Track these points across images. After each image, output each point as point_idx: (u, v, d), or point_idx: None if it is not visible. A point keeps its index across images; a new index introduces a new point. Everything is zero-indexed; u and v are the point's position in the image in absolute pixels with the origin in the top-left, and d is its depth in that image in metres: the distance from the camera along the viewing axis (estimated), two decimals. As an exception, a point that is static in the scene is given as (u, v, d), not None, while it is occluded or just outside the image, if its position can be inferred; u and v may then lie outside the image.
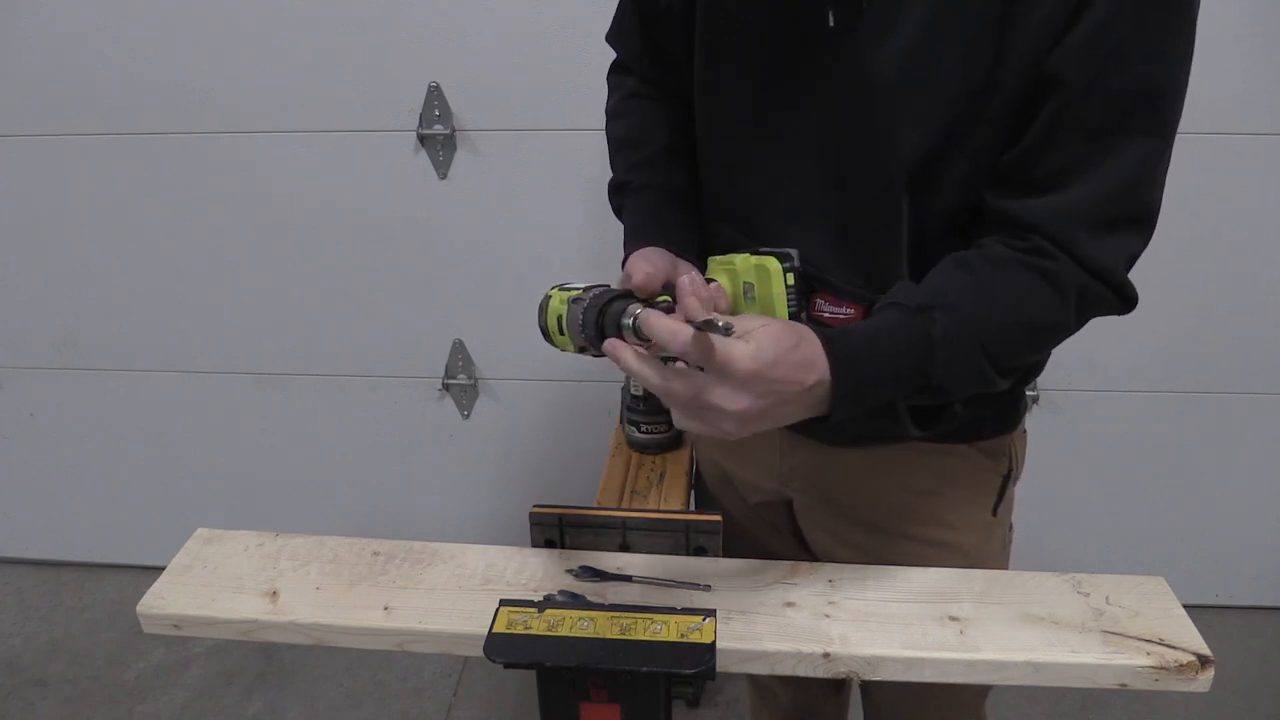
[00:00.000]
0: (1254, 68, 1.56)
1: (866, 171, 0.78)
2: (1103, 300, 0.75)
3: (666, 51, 0.93)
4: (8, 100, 1.80)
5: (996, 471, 0.96)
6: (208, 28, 1.70)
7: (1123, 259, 0.74)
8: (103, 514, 2.21)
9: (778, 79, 0.80)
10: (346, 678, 1.94)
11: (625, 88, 0.99)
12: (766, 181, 0.84)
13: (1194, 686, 0.76)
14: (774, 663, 0.78)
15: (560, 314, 0.78)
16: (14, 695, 1.90)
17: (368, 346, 1.97)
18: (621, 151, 0.96)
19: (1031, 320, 0.74)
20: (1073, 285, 0.73)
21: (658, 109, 0.96)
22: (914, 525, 0.96)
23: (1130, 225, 0.74)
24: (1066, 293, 0.73)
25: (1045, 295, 0.73)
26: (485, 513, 2.13)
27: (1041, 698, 1.84)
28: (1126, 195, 0.72)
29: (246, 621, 0.83)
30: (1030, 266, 0.73)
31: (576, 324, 0.75)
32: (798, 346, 0.68)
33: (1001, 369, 0.75)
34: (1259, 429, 1.89)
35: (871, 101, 0.75)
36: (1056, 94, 0.70)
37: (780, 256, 0.79)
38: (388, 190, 1.81)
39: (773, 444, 1.00)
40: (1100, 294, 0.74)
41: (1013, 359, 0.76)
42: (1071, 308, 0.74)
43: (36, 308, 2.00)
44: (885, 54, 0.73)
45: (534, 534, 0.93)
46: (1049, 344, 0.79)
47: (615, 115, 0.99)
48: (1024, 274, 0.73)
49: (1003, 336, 0.74)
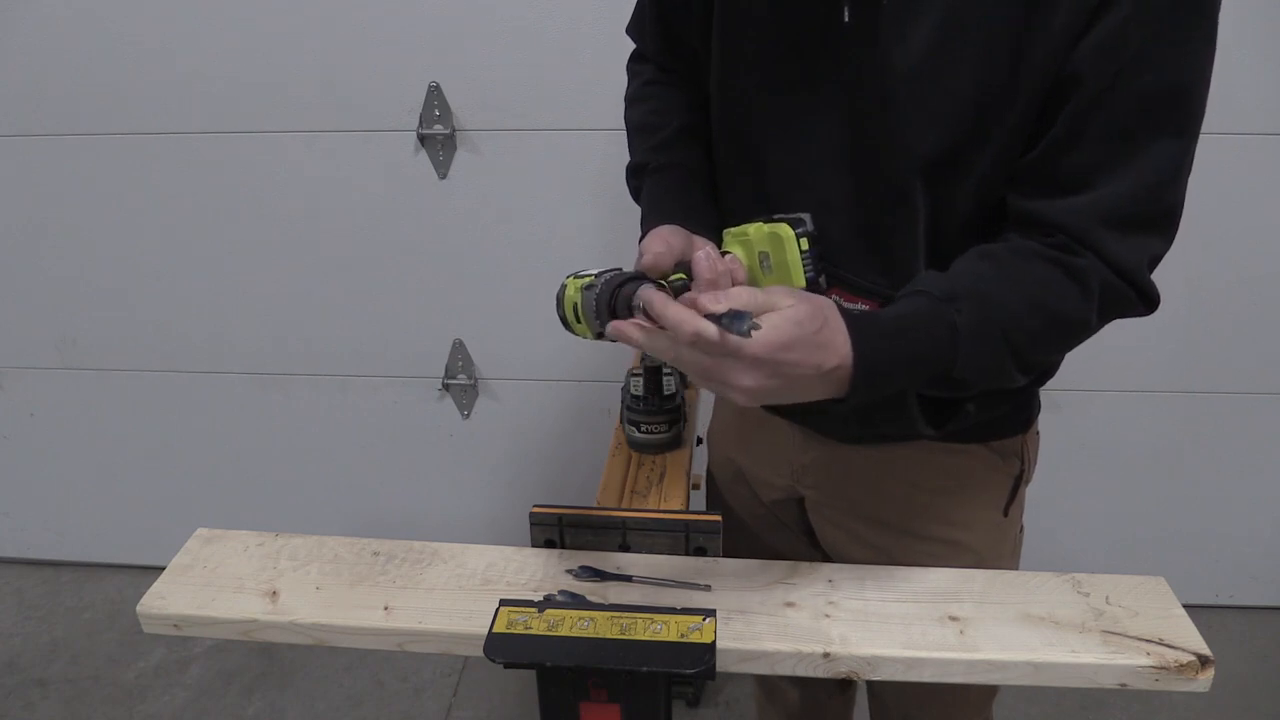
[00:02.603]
0: (1254, 68, 1.56)
1: (882, 169, 0.78)
2: (1124, 300, 0.74)
3: (684, 43, 0.93)
4: (8, 100, 1.80)
5: (1008, 472, 0.96)
6: (207, 28, 1.70)
7: (1146, 260, 0.74)
8: (103, 514, 2.21)
9: (794, 75, 0.80)
10: (346, 678, 1.94)
11: (644, 75, 1.00)
12: (782, 177, 0.84)
13: (1194, 686, 0.76)
14: (774, 663, 0.78)
15: (576, 302, 0.78)
16: (14, 695, 1.90)
17: (368, 346, 1.97)
18: (640, 134, 0.96)
19: (1055, 313, 0.73)
20: (1097, 282, 0.72)
21: (675, 94, 0.96)
22: (926, 524, 0.95)
23: (1153, 226, 0.73)
24: (1090, 288, 0.73)
25: (1069, 289, 0.73)
26: (485, 513, 2.13)
27: (1041, 698, 1.84)
28: (1150, 195, 0.71)
29: (246, 621, 0.83)
30: (1055, 261, 0.73)
31: (591, 310, 0.75)
32: (820, 330, 0.67)
33: (1023, 364, 0.75)
34: (1259, 429, 1.89)
35: (887, 99, 0.75)
36: (1077, 94, 0.69)
37: (793, 222, 0.78)
38: (388, 190, 1.81)
39: (787, 440, 1.00)
40: (1123, 293, 0.74)
41: (1035, 354, 0.75)
42: (1094, 304, 0.73)
43: (36, 308, 2.00)
44: (902, 52, 0.73)
45: (534, 534, 0.93)
46: (1071, 341, 0.77)
47: (634, 100, 0.99)
48: (1049, 267, 0.73)
49: (1027, 329, 0.73)
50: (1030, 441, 0.97)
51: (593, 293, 0.75)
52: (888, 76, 0.74)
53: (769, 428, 1.03)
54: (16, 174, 1.87)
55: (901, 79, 0.73)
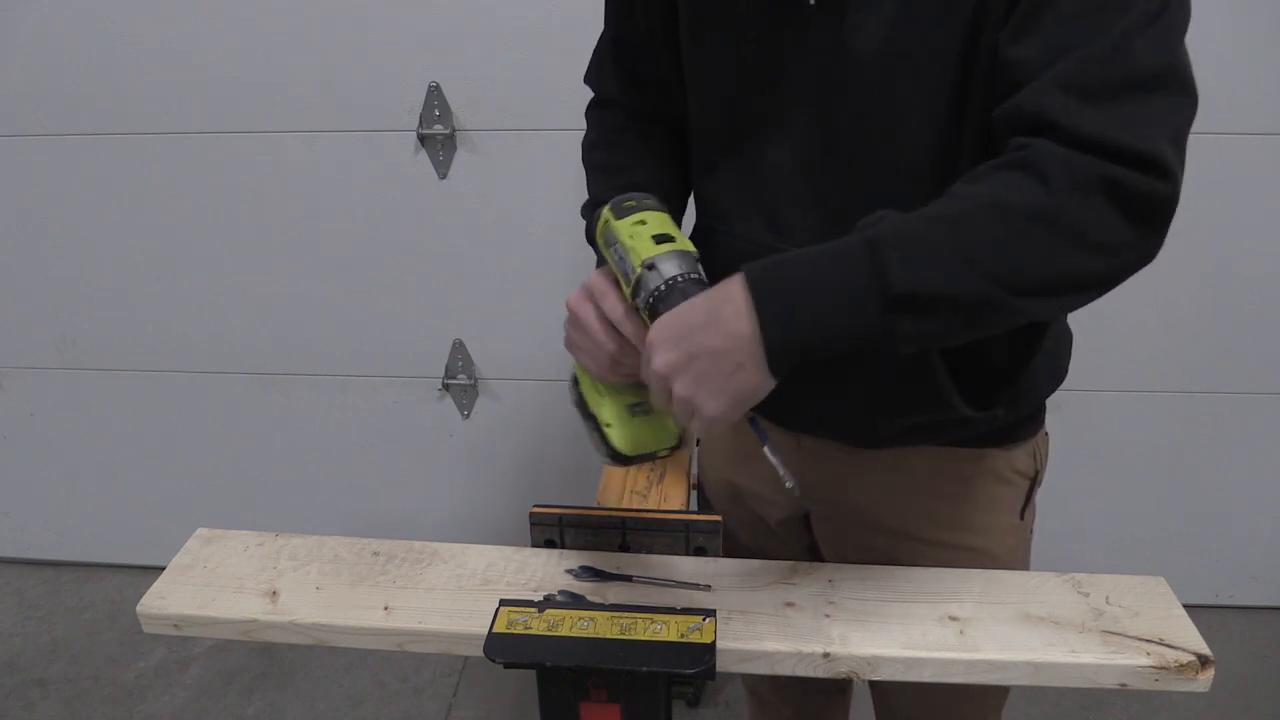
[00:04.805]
0: (1254, 68, 1.56)
1: (860, 154, 0.77)
2: (1117, 178, 0.62)
3: (649, 79, 0.93)
4: (8, 100, 1.80)
5: (1024, 474, 0.95)
6: (207, 28, 1.70)
7: (1129, 127, 0.63)
8: (103, 514, 2.21)
9: (765, 65, 0.79)
10: (346, 678, 1.94)
11: (605, 123, 0.99)
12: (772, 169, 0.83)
13: (1194, 686, 0.76)
14: (774, 662, 0.78)
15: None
16: (14, 695, 1.90)
17: (368, 346, 1.97)
18: (601, 174, 0.96)
19: (998, 203, 0.64)
20: (1051, 159, 0.63)
21: (641, 144, 0.96)
22: (943, 532, 0.94)
23: (1131, 89, 0.64)
24: (1040, 169, 0.63)
25: (1013, 179, 0.64)
26: (485, 513, 2.13)
27: (1041, 698, 1.84)
28: (1115, 59, 0.63)
29: (246, 621, 0.83)
30: (1001, 164, 0.66)
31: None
32: (714, 292, 0.69)
33: (1001, 277, 0.64)
34: (1259, 429, 1.89)
35: (855, 78, 0.74)
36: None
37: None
38: (388, 190, 1.81)
39: (790, 455, 0.98)
40: (1103, 170, 0.62)
41: (1010, 259, 0.64)
42: (1059, 186, 0.63)
43: (36, 308, 2.00)
44: (868, 32, 0.72)
45: (534, 534, 0.93)
46: (1051, 241, 0.64)
47: (595, 145, 0.99)
48: (993, 171, 0.66)
49: (971, 228, 0.64)
50: (1042, 443, 0.96)
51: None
52: (856, 56, 0.73)
53: None
54: (16, 174, 1.87)
55: (869, 58, 0.73)
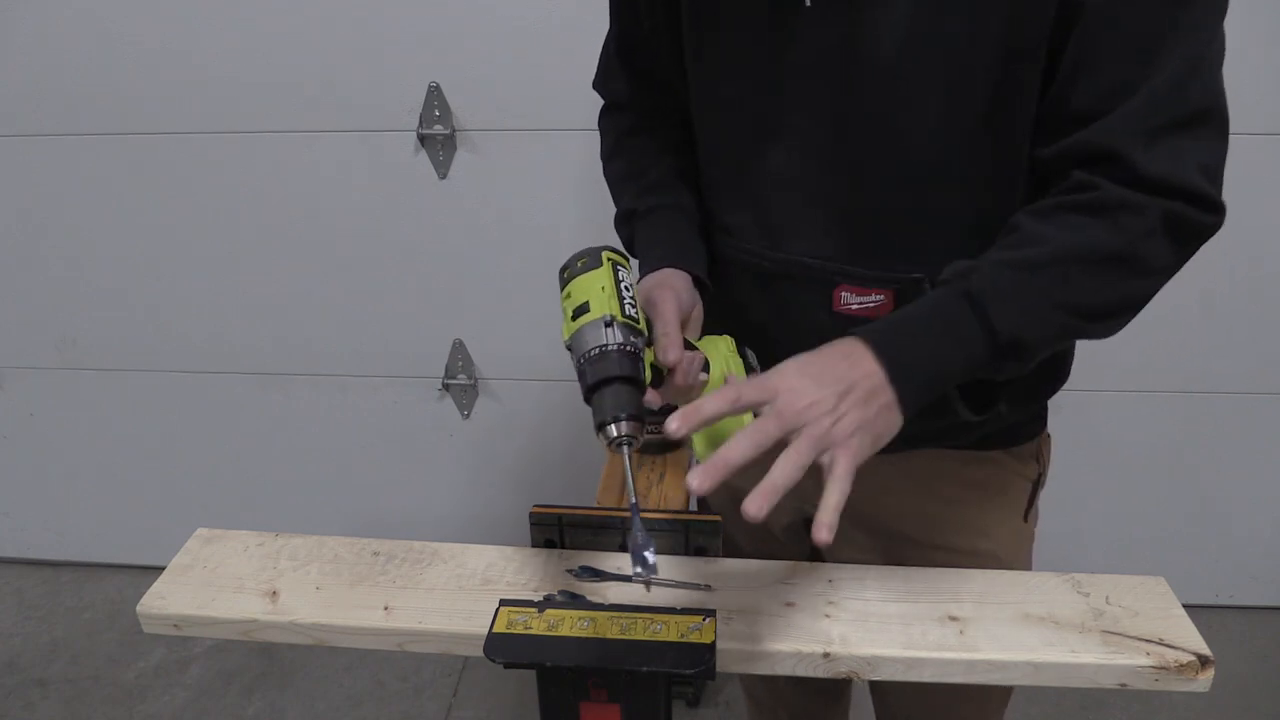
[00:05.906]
0: (1255, 68, 1.56)
1: (870, 157, 0.77)
2: (1174, 213, 0.69)
3: (656, 78, 0.92)
4: (8, 100, 1.80)
5: (1028, 476, 0.95)
6: (207, 28, 1.70)
7: (1187, 164, 0.69)
8: (103, 514, 2.21)
9: (770, 67, 0.78)
10: (346, 678, 1.94)
11: (619, 128, 0.99)
12: (772, 176, 0.83)
13: (1194, 686, 0.76)
14: (774, 663, 0.78)
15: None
16: (14, 695, 1.90)
17: (368, 346, 1.97)
18: (625, 183, 0.95)
19: (1078, 252, 0.69)
20: (1121, 205, 0.69)
21: (655, 140, 0.95)
22: (948, 535, 0.94)
23: (1184, 128, 0.68)
24: (1113, 216, 0.69)
25: (1086, 224, 0.70)
26: (485, 513, 2.13)
27: (1041, 698, 1.84)
28: (1172, 98, 0.68)
29: (246, 621, 0.83)
30: (1066, 206, 0.71)
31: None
32: (832, 350, 0.69)
33: (1080, 310, 0.71)
34: (1259, 429, 1.89)
35: (867, 82, 0.74)
36: (1081, 22, 0.67)
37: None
38: (388, 190, 1.81)
39: None
40: (1158, 207, 0.68)
41: (1087, 296, 0.71)
42: (1131, 231, 0.69)
43: (36, 308, 2.00)
44: (879, 29, 0.71)
45: (534, 534, 0.93)
46: (1132, 275, 0.72)
47: (612, 156, 0.99)
48: (1063, 213, 0.71)
49: (1060, 275, 0.69)
50: (1045, 444, 0.97)
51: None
52: (865, 56, 0.72)
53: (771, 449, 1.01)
54: (16, 174, 1.87)
55: (881, 58, 0.72)
